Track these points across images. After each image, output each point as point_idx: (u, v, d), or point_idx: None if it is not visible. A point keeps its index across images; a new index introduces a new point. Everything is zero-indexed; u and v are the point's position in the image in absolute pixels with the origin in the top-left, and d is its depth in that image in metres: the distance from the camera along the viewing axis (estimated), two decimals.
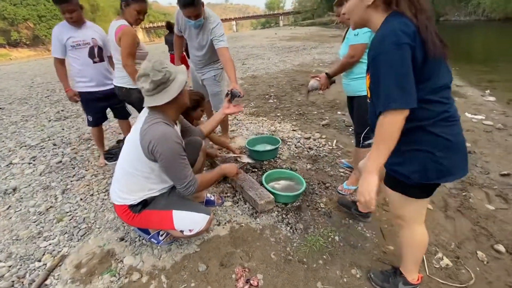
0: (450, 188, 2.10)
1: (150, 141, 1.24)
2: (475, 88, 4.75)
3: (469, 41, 12.01)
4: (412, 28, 0.85)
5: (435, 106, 0.92)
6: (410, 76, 0.85)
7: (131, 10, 2.02)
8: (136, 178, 1.37)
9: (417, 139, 0.95)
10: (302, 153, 2.70)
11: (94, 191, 2.29)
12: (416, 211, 1.13)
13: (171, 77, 1.28)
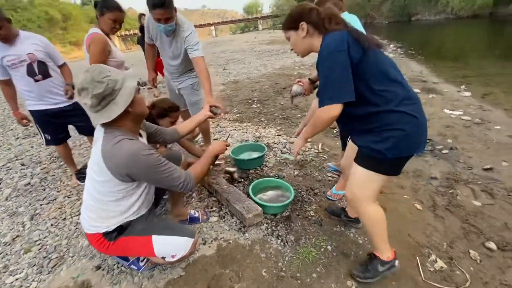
0: (437, 186, 2.11)
1: (120, 165, 1.12)
2: (450, 84, 4.91)
3: (440, 39, 12.56)
4: (345, 36, 1.06)
5: (397, 89, 1.09)
6: (345, 77, 1.05)
7: (106, 19, 1.92)
8: (106, 205, 1.23)
9: (389, 120, 1.09)
10: (288, 158, 2.63)
11: (67, 214, 2.11)
12: (376, 190, 1.25)
13: (116, 87, 1.08)
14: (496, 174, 2.18)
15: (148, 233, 1.30)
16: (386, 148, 1.09)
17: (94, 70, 1.07)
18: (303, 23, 1.18)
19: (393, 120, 1.08)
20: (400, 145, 1.09)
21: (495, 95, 4.17)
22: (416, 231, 1.68)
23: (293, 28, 1.22)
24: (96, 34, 1.91)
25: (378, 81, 1.08)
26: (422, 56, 7.85)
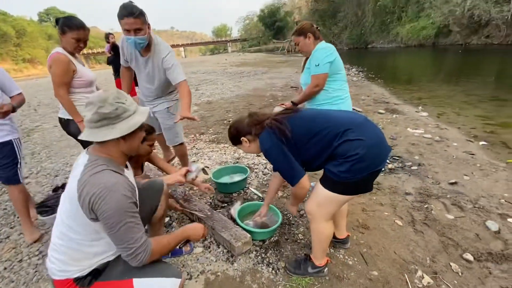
0: (413, 201, 2.22)
1: (89, 195, 0.97)
2: (409, 105, 5.40)
3: (394, 64, 13.99)
4: (271, 134, 1.28)
5: (329, 131, 1.22)
6: (289, 161, 1.25)
7: (68, 39, 1.81)
8: (79, 245, 1.07)
9: (342, 151, 1.19)
10: (270, 179, 2.61)
11: (24, 255, 1.82)
12: (332, 211, 1.36)
13: (123, 115, 1.04)
14: (461, 188, 2.37)
15: (128, 276, 1.13)
16: (340, 171, 1.19)
17: (113, 93, 1.05)
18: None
19: (344, 150, 1.18)
20: (354, 168, 1.17)
21: (447, 115, 4.66)
22: (400, 248, 1.73)
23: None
24: (57, 54, 1.80)
25: (310, 142, 1.25)
26: (381, 80, 8.61)
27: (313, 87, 1.79)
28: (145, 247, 1.04)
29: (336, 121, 1.26)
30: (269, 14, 50.83)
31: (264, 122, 1.32)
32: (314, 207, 1.34)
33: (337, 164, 1.20)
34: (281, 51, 34.74)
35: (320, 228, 1.38)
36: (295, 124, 1.27)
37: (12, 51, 46.15)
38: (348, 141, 1.17)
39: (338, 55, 1.83)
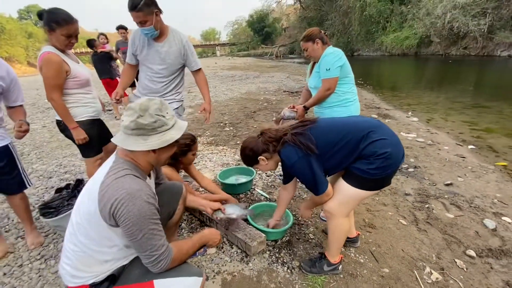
0: (413, 201, 2.31)
1: (111, 201, 0.94)
2: (399, 110, 5.61)
3: (380, 72, 14.50)
4: (296, 149, 1.29)
5: (351, 138, 1.28)
6: (316, 174, 1.28)
7: (58, 36, 1.67)
8: (90, 250, 1.02)
9: (370, 152, 1.24)
10: (275, 181, 2.64)
11: (24, 259, 1.73)
12: (354, 207, 1.45)
13: (160, 128, 1.03)
14: (456, 189, 2.49)
15: (148, 278, 1.08)
16: (370, 168, 1.24)
17: (156, 103, 1.02)
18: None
19: (372, 150, 1.24)
20: (383, 165, 1.23)
21: (436, 120, 4.88)
22: (407, 246, 1.79)
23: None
24: (47, 54, 1.66)
25: (334, 150, 1.29)
26: (370, 86, 8.89)
27: (324, 91, 1.83)
28: (166, 254, 1.02)
29: (356, 126, 1.32)
30: (257, 19, 51.35)
31: (283, 138, 1.33)
32: (336, 205, 1.37)
33: (367, 162, 1.25)
34: (270, 56, 35.13)
35: (340, 225, 1.41)
36: (316, 135, 1.29)
37: None
38: (374, 141, 1.23)
39: (346, 59, 1.89)
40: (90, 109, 1.95)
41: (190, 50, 2.08)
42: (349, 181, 1.33)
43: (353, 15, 26.69)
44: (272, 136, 1.37)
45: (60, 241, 1.88)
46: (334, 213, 1.38)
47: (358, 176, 1.28)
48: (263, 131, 1.43)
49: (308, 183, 1.33)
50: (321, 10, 33.56)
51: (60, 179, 2.90)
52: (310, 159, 1.26)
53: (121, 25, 5.59)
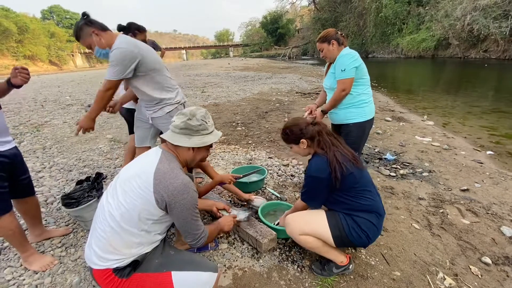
0: (427, 206, 2.27)
1: (169, 189, 1.10)
2: (414, 114, 5.49)
3: (395, 74, 14.21)
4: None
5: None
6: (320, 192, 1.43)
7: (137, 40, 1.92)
8: (127, 232, 1.11)
9: (360, 222, 1.41)
10: (286, 181, 2.65)
11: (46, 247, 1.83)
12: (311, 234, 1.46)
13: (203, 132, 1.26)
14: (473, 194, 2.43)
15: (166, 269, 1.17)
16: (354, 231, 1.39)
17: (202, 111, 1.28)
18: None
19: (363, 222, 1.39)
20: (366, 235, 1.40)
21: (452, 125, 4.75)
22: (420, 250, 1.77)
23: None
24: None
25: (346, 196, 1.41)
26: (384, 89, 8.74)
27: (340, 92, 1.84)
28: (205, 232, 1.25)
29: (377, 201, 1.43)
30: (271, 20, 51.45)
31: (328, 149, 1.39)
32: (299, 221, 1.46)
33: (354, 225, 1.38)
34: (282, 57, 35.10)
35: (304, 241, 1.44)
36: (350, 175, 1.35)
37: (13, 47, 45.96)
38: (370, 222, 1.38)
39: (362, 61, 1.89)
40: None
41: None
42: (330, 220, 1.41)
43: (368, 17, 26.31)
44: (323, 140, 1.44)
45: (79, 231, 1.97)
46: (291, 224, 1.46)
47: (340, 224, 1.39)
48: (319, 123, 1.51)
49: (306, 192, 1.46)
50: (336, 11, 33.27)
51: (79, 172, 3.02)
52: (328, 184, 1.35)
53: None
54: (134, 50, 1.68)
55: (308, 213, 1.51)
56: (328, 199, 1.45)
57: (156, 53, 1.94)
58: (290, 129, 1.51)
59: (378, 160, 3.21)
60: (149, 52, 1.80)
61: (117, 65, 1.66)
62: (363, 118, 1.92)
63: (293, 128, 1.50)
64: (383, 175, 2.82)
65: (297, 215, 1.50)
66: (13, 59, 46.33)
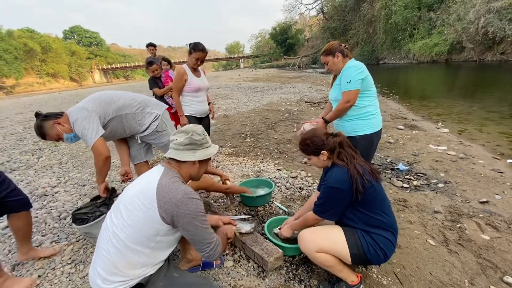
0: (443, 220, 2.16)
1: (173, 201, 1.12)
2: (428, 121, 5.33)
3: (407, 80, 13.94)
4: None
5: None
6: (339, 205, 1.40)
7: (191, 57, 2.61)
8: (133, 252, 1.12)
9: (378, 240, 1.39)
10: (294, 194, 2.61)
11: (56, 263, 1.86)
12: (327, 251, 1.42)
13: (205, 145, 1.34)
14: (493, 207, 2.29)
15: None
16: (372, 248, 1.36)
17: (200, 127, 1.35)
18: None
19: (381, 241, 1.38)
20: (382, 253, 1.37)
21: (469, 132, 4.56)
22: (436, 269, 1.67)
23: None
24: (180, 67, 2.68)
25: (366, 211, 1.39)
26: (396, 96, 8.58)
27: (344, 103, 1.82)
28: (218, 241, 1.26)
29: (392, 217, 1.42)
30: (280, 31, 52.20)
31: (349, 161, 1.38)
32: (315, 237, 1.42)
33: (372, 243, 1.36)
34: (292, 67, 35.30)
35: (319, 259, 1.40)
36: (371, 188, 1.34)
37: (37, 65, 48.93)
38: (388, 240, 1.36)
39: (368, 73, 1.86)
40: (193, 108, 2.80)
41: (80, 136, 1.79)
42: (348, 237, 1.37)
43: (378, 24, 26.21)
44: (344, 152, 1.43)
45: (89, 247, 2.00)
46: (307, 240, 1.41)
47: (358, 242, 1.35)
48: (340, 134, 1.50)
49: (322, 203, 1.42)
50: (345, 20, 33.37)
51: (92, 187, 3.10)
52: (347, 196, 1.33)
53: (151, 43, 5.99)
54: (88, 113, 1.74)
55: (324, 229, 1.46)
56: (345, 214, 1.42)
57: (111, 96, 1.94)
58: (311, 140, 1.48)
59: (390, 171, 3.11)
60: (101, 104, 1.84)
61: (87, 129, 1.70)
62: (370, 130, 1.88)
63: (314, 139, 1.47)
64: (395, 187, 2.72)
65: (313, 231, 1.45)
66: (37, 77, 49.21)
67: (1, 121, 9.04)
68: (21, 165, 4.11)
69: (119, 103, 1.92)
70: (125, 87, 26.26)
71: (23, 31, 48.36)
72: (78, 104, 1.84)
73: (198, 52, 2.57)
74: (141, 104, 2.04)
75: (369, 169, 1.40)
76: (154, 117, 2.10)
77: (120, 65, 64.30)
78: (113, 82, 59.03)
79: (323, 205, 1.42)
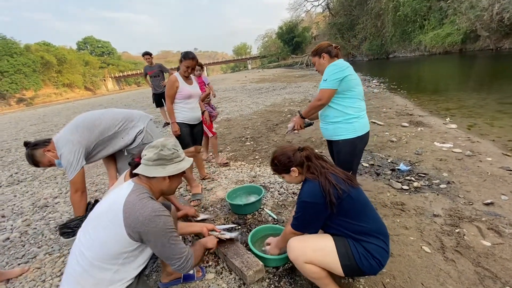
0: (442, 224, 2.04)
1: (139, 219, 1.10)
2: (435, 116, 5.09)
3: (417, 74, 13.45)
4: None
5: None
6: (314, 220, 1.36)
7: (182, 66, 2.65)
8: (98, 269, 1.10)
9: (368, 248, 1.33)
10: (286, 200, 2.55)
11: (47, 275, 1.90)
12: (317, 263, 1.37)
13: (176, 159, 1.30)
14: (498, 209, 2.14)
15: None
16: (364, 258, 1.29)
17: (171, 141, 1.32)
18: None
19: (371, 248, 1.30)
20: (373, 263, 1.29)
21: (479, 127, 4.33)
22: (429, 279, 1.57)
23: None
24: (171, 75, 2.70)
25: (345, 220, 1.32)
26: (404, 91, 8.29)
27: (316, 100, 1.79)
28: (190, 253, 1.25)
29: (379, 222, 1.35)
30: (287, 30, 51.89)
31: (319, 173, 1.33)
32: (314, 258, 1.32)
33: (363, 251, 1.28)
34: (300, 65, 34.97)
35: (308, 271, 1.34)
36: (347, 197, 1.28)
37: (54, 77, 51.01)
38: (380, 248, 1.28)
39: (352, 73, 1.78)
40: (184, 115, 2.75)
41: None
42: (339, 248, 1.30)
43: (386, 17, 25.55)
44: (313, 165, 1.38)
45: None
46: (296, 249, 1.34)
47: (349, 252, 1.28)
48: (306, 148, 1.47)
49: (298, 219, 1.37)
50: (352, 15, 32.72)
51: (90, 197, 3.16)
52: (320, 208, 1.28)
53: (146, 52, 6.09)
54: (73, 147, 1.83)
55: (315, 238, 1.39)
56: (329, 225, 1.35)
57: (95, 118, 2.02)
58: (277, 159, 1.46)
59: (391, 172, 2.99)
60: (84, 132, 1.90)
61: (71, 164, 1.83)
62: (353, 135, 1.80)
63: (280, 157, 1.45)
64: (393, 189, 2.61)
65: (302, 240, 1.39)
66: (54, 88, 51.32)
67: (16, 133, 9.45)
68: (28, 176, 4.26)
69: (100, 127, 1.98)
70: (136, 93, 26.90)
71: (39, 45, 50.58)
72: (63, 132, 1.91)
73: (188, 60, 2.62)
74: (123, 121, 2.09)
75: (344, 176, 1.34)
76: (138, 131, 2.15)
77: (131, 72, 65.99)
78: (125, 89, 60.66)
79: (300, 220, 1.38)
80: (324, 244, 1.34)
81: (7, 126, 12.13)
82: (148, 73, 6.31)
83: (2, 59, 40.78)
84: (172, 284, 1.60)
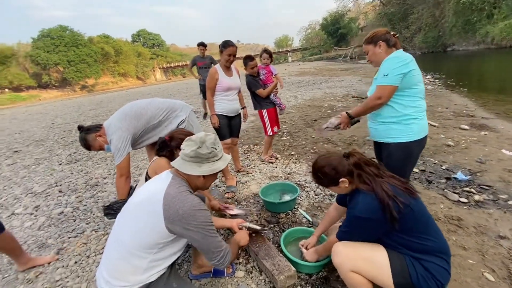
0: (510, 248, 1.72)
1: (179, 212, 1.10)
2: (503, 119, 4.38)
3: (481, 69, 11.79)
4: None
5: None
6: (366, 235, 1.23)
7: (223, 55, 2.61)
8: (135, 257, 1.12)
9: (428, 267, 1.17)
10: (323, 201, 2.40)
11: (91, 251, 2.05)
12: (365, 274, 1.24)
13: (212, 159, 1.26)
14: None
15: None
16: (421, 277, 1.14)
17: (211, 138, 1.27)
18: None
19: (432, 268, 1.16)
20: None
21: None
22: None
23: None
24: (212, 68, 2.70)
25: (406, 238, 1.17)
26: (464, 88, 7.32)
27: (375, 99, 1.55)
28: (228, 248, 1.24)
29: (442, 240, 1.21)
30: (332, 21, 49.43)
31: (374, 184, 1.16)
32: (355, 255, 1.21)
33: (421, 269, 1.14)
34: (343, 58, 33.20)
35: (350, 279, 1.21)
36: (408, 211, 1.12)
37: (111, 67, 56.08)
38: (442, 268, 1.14)
39: (415, 67, 1.53)
40: (223, 107, 2.75)
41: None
42: (393, 263, 1.15)
43: (447, 5, 22.77)
44: (366, 172, 1.21)
45: None
46: (343, 255, 1.21)
47: (406, 271, 1.14)
48: (354, 153, 1.28)
49: (351, 235, 1.24)
50: (405, 4, 29.86)
51: (134, 180, 3.36)
52: (380, 225, 1.14)
53: (201, 42, 6.24)
54: (122, 133, 1.97)
55: (366, 247, 1.23)
56: (385, 241, 1.21)
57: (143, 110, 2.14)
58: (321, 171, 1.27)
59: (445, 181, 2.64)
60: (132, 121, 2.04)
61: (119, 150, 1.97)
62: (409, 138, 1.56)
63: (325, 169, 1.25)
64: (449, 201, 2.29)
65: (352, 246, 1.24)
66: (111, 77, 56.54)
67: (78, 116, 10.58)
68: (84, 156, 4.71)
69: (146, 116, 2.11)
70: (181, 83, 28.27)
71: (100, 37, 55.72)
72: (114, 119, 2.06)
73: (230, 48, 2.58)
74: (167, 110, 2.21)
75: (401, 186, 1.16)
76: (180, 120, 2.26)
77: (178, 63, 69.38)
78: (172, 79, 64.14)
79: (348, 234, 1.24)
80: (377, 255, 1.19)
81: (71, 110, 13.65)
82: (198, 64, 6.45)
83: (70, 49, 45.85)
84: (202, 277, 1.61)
